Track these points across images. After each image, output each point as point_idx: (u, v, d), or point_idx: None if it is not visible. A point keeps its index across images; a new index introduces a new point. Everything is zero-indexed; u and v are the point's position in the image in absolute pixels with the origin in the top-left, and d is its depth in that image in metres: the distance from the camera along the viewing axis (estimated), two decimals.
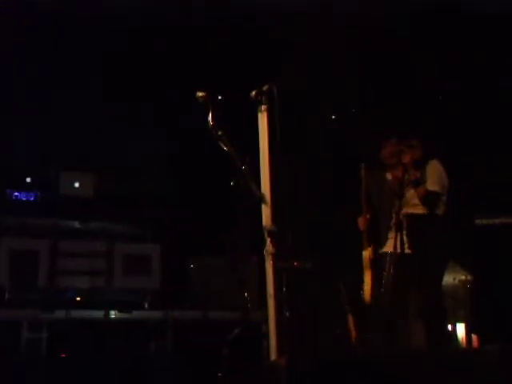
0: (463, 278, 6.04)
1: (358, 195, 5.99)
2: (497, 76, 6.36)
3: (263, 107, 3.42)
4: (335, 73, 6.53)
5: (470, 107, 6.64)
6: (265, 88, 3.41)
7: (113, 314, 5.64)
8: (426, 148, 5.18)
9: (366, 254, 4.88)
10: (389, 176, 5.08)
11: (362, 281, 5.31)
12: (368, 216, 5.03)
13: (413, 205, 4.92)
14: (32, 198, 6.37)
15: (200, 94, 3.47)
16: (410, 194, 4.93)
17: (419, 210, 4.90)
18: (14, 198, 6.31)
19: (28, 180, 6.55)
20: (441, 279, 5.02)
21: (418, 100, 6.69)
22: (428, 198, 4.83)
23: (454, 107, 6.76)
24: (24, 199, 6.33)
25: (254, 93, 3.43)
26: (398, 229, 4.72)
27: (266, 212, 3.32)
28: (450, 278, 6.14)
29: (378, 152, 4.99)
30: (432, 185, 4.84)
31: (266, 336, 3.37)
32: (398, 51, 6.46)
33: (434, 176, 4.88)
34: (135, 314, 5.71)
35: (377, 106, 6.81)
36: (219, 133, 3.40)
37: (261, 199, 3.33)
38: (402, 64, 6.57)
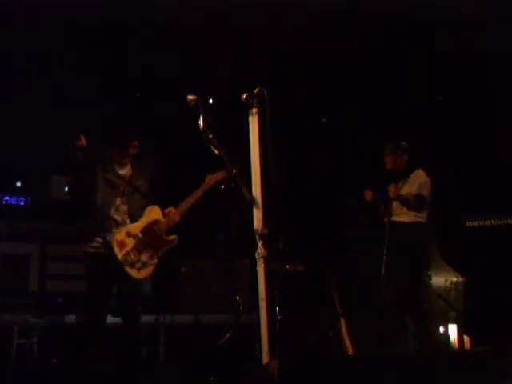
0: (455, 279, 6.07)
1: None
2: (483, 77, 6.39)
3: (254, 110, 3.40)
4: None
5: (459, 109, 6.67)
6: (255, 91, 3.40)
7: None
8: (413, 157, 5.33)
9: None
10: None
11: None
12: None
13: (400, 213, 5.20)
14: (22, 203, 6.33)
15: (190, 97, 3.45)
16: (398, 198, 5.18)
17: (406, 218, 5.17)
18: (4, 202, 6.27)
19: (18, 184, 6.52)
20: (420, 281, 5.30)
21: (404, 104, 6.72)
22: (415, 201, 5.10)
23: (442, 109, 6.79)
24: (14, 203, 6.30)
25: (244, 96, 3.42)
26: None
27: (257, 215, 3.31)
28: (441, 280, 6.16)
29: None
30: (420, 190, 5.16)
31: (258, 339, 3.35)
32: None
33: (422, 184, 5.19)
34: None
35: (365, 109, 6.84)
36: (210, 136, 3.39)
37: (252, 202, 3.32)
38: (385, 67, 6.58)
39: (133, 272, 4.26)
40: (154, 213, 4.45)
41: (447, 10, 5.70)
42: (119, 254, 4.23)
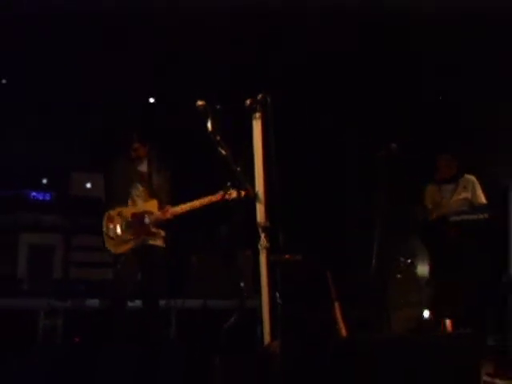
0: None
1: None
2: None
3: (257, 114, 3.41)
4: None
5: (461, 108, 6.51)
6: (259, 97, 3.40)
7: None
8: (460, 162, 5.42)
9: None
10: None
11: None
12: None
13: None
14: (48, 198, 6.37)
15: (200, 102, 3.46)
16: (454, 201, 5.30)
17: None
18: (31, 197, 6.30)
19: (44, 181, 6.57)
20: None
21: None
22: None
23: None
24: (40, 199, 6.33)
25: (248, 101, 3.42)
26: None
27: (260, 209, 3.31)
28: (425, 268, 6.15)
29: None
30: (481, 198, 5.28)
31: (260, 322, 3.35)
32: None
33: (479, 190, 5.29)
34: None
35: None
36: (217, 138, 3.40)
37: (255, 198, 3.32)
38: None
39: (109, 244, 4.46)
40: (150, 204, 4.57)
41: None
42: (104, 226, 4.48)
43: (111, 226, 4.48)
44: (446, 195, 5.44)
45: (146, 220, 4.50)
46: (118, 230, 4.47)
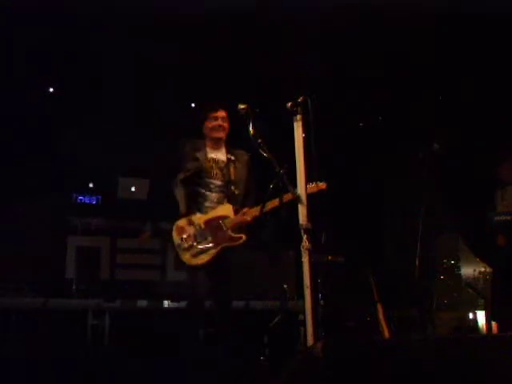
0: (483, 269, 5.94)
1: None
2: None
3: (298, 117, 3.38)
4: None
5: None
6: (300, 99, 3.37)
7: (166, 303, 5.67)
8: None
9: None
10: None
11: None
12: None
13: None
14: (94, 201, 6.48)
15: (241, 106, 3.46)
16: None
17: None
18: (78, 201, 6.43)
19: (91, 185, 6.68)
20: None
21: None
22: None
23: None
24: (87, 202, 6.44)
25: (289, 104, 3.39)
26: None
27: (302, 211, 3.28)
28: (470, 270, 6.03)
29: None
30: None
31: (303, 323, 3.32)
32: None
33: None
34: (185, 303, 5.72)
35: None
36: (259, 141, 3.38)
37: (297, 200, 3.29)
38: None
39: (185, 257, 3.99)
40: (224, 209, 4.11)
41: None
42: (176, 238, 4.01)
43: (184, 237, 4.00)
44: (509, 197, 5.29)
45: (223, 226, 4.05)
46: (193, 241, 4.00)
